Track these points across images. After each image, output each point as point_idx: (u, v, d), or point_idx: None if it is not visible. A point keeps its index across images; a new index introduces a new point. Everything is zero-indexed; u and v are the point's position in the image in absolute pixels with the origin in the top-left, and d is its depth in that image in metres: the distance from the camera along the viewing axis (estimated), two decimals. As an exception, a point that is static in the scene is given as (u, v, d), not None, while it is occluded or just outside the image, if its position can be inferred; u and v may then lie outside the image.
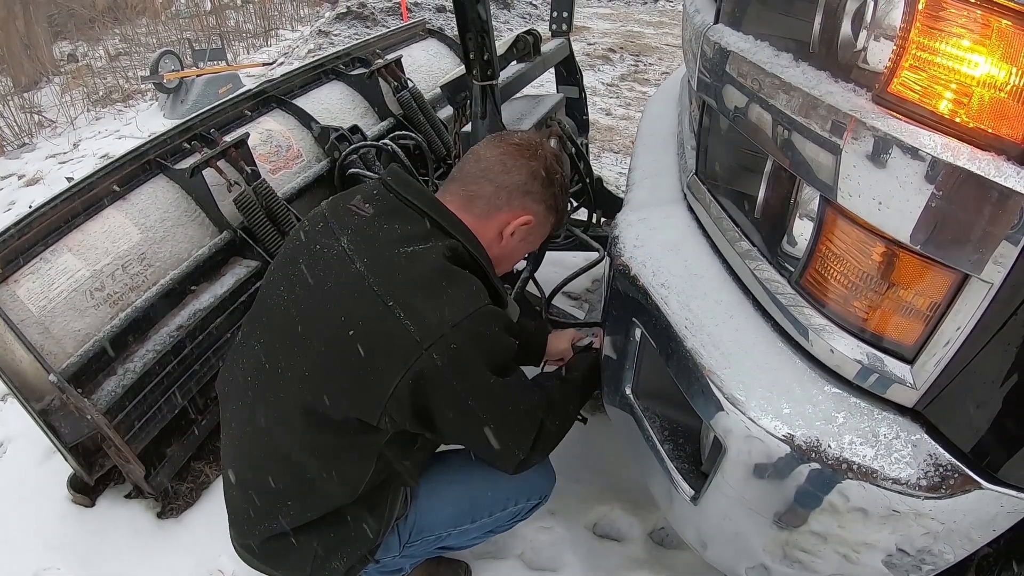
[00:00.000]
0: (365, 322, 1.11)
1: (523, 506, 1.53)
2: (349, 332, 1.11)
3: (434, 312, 1.10)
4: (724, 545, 1.13)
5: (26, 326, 1.75)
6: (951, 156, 0.70)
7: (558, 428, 1.33)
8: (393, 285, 1.12)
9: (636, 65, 6.62)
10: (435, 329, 1.09)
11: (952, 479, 0.81)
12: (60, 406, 1.84)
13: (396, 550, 1.41)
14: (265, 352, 1.24)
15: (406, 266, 1.14)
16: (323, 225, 1.25)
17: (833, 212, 0.85)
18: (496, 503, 1.48)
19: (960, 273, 0.75)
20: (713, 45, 1.10)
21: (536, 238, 1.38)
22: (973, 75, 0.70)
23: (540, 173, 1.27)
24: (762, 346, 0.98)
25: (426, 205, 1.23)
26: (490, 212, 1.27)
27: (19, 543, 1.95)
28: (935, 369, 0.80)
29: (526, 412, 1.24)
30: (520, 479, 1.37)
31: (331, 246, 1.20)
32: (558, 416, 1.33)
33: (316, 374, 1.16)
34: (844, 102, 0.79)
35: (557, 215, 1.35)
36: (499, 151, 1.27)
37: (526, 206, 1.28)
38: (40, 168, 4.87)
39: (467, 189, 1.27)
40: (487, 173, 1.26)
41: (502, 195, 1.26)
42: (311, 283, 1.19)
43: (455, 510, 1.45)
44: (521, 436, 1.24)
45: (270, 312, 1.26)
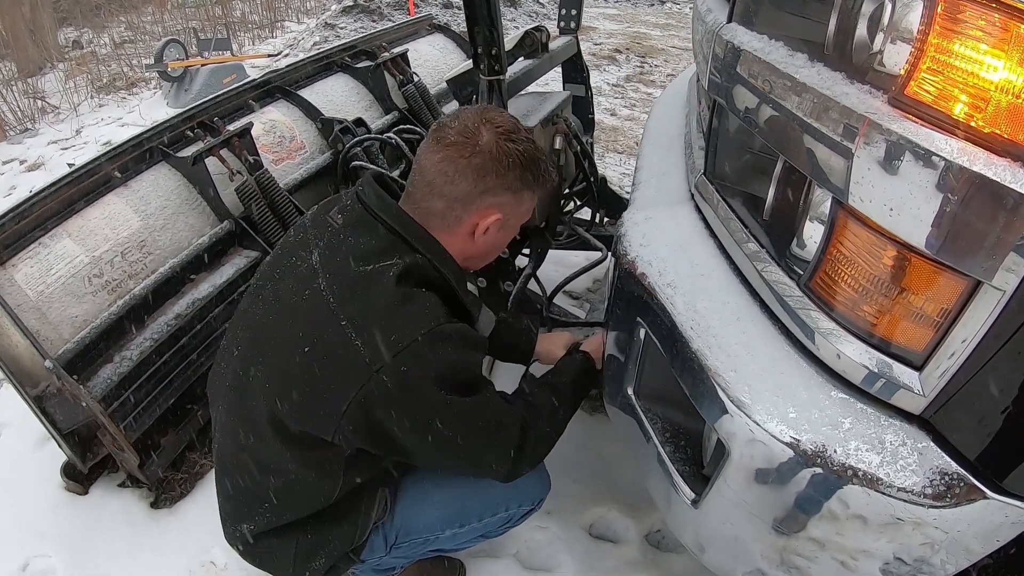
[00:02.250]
0: (320, 340, 1.12)
1: (515, 512, 1.51)
2: (305, 348, 1.12)
3: (385, 334, 1.09)
4: (722, 549, 1.12)
5: (23, 311, 1.74)
6: (967, 161, 0.69)
7: (545, 436, 1.32)
8: (349, 304, 1.12)
9: (642, 66, 6.61)
10: (385, 352, 1.08)
11: (958, 488, 0.80)
12: (55, 392, 1.83)
13: (382, 551, 1.41)
14: (240, 360, 1.24)
15: (363, 285, 1.13)
16: (302, 236, 1.26)
17: (844, 215, 0.84)
18: (487, 508, 1.47)
19: (972, 280, 0.74)
20: (725, 44, 1.09)
21: (516, 222, 1.30)
22: (991, 79, 0.69)
23: (488, 167, 1.17)
24: (768, 349, 0.97)
25: (392, 218, 1.19)
26: (450, 225, 1.21)
27: (10, 530, 1.94)
28: (944, 376, 0.79)
29: (499, 427, 1.22)
30: (513, 485, 1.36)
31: (304, 259, 1.20)
32: (544, 424, 1.31)
33: (276, 387, 1.16)
34: (859, 103, 0.78)
35: (532, 189, 1.25)
36: (437, 158, 1.18)
37: (488, 205, 1.20)
38: (42, 154, 4.86)
39: (420, 207, 1.21)
40: (433, 188, 1.19)
41: (456, 207, 1.19)
42: (281, 296, 1.20)
43: (444, 514, 1.44)
44: (497, 452, 1.23)
45: (247, 322, 1.28)
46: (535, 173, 1.23)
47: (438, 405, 1.13)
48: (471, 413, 1.17)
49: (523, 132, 1.23)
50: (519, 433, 1.24)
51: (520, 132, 1.22)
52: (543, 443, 1.32)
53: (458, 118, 1.21)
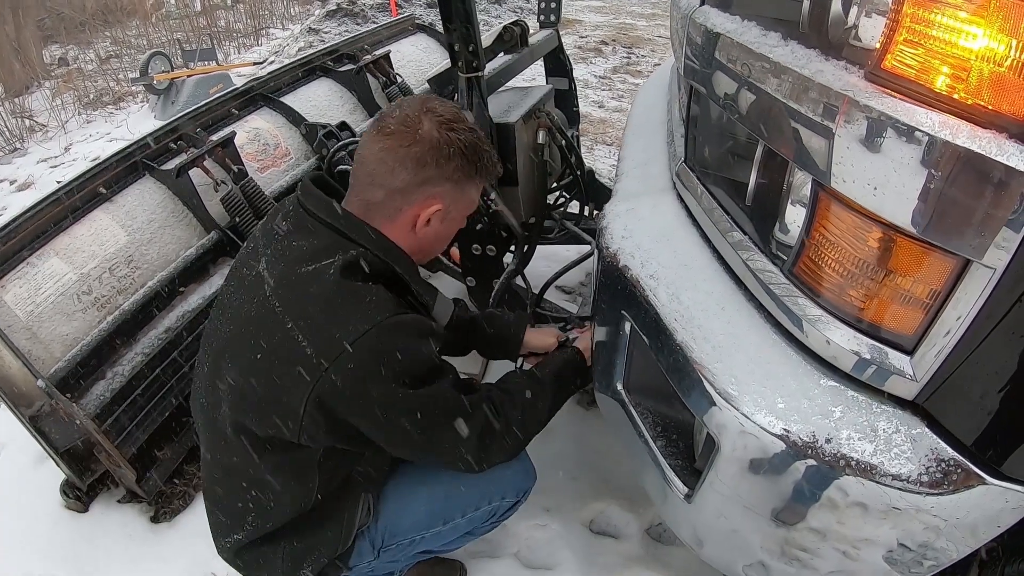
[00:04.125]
0: (271, 346, 1.11)
1: (498, 504, 1.47)
2: (258, 356, 1.12)
3: (330, 332, 1.08)
4: (720, 543, 1.10)
5: (14, 332, 1.73)
6: (949, 135, 0.66)
7: (518, 425, 1.29)
8: (293, 306, 1.11)
9: (628, 57, 6.59)
10: (332, 350, 1.07)
11: (955, 474, 0.78)
12: (50, 412, 1.82)
13: (370, 555, 1.39)
14: (209, 377, 1.24)
15: (306, 285, 1.12)
16: (253, 247, 1.25)
17: (826, 197, 0.82)
18: (468, 503, 1.44)
19: (961, 259, 0.71)
20: (699, 27, 1.07)
21: (459, 213, 1.29)
22: (971, 48, 0.66)
23: (427, 157, 1.14)
24: (755, 338, 0.95)
25: (331, 217, 1.18)
26: (392, 215, 1.19)
27: (12, 548, 1.93)
28: (936, 360, 0.77)
29: (457, 417, 1.19)
30: (494, 477, 1.36)
31: (252, 268, 1.20)
32: (516, 413, 1.29)
33: (238, 397, 1.16)
34: (836, 80, 0.76)
35: (473, 180, 1.23)
36: (377, 148, 1.16)
37: (428, 195, 1.18)
38: (32, 173, 4.85)
39: (361, 197, 1.20)
40: (373, 178, 1.17)
41: (396, 197, 1.17)
42: (235, 309, 1.20)
43: (425, 512, 1.42)
44: (458, 442, 1.20)
45: (210, 338, 1.28)
46: (477, 163, 1.21)
47: (390, 399, 1.11)
48: (426, 404, 1.14)
49: (465, 122, 1.21)
50: (482, 422, 1.21)
51: (462, 122, 1.21)
52: (514, 433, 1.28)
53: (400, 107, 1.19)
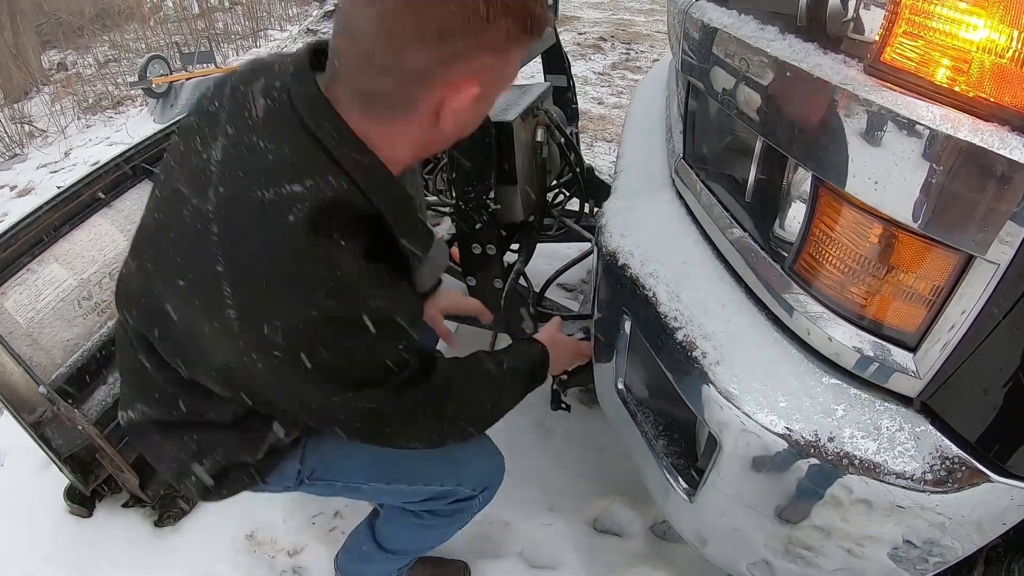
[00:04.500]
0: (196, 278, 0.86)
1: (450, 490, 1.33)
2: (180, 281, 0.87)
3: (268, 315, 0.83)
4: (723, 542, 1.09)
5: (14, 338, 1.74)
6: (951, 128, 0.65)
7: (468, 417, 1.14)
8: (233, 249, 0.84)
9: (627, 53, 6.57)
10: (262, 342, 0.84)
11: (959, 472, 0.77)
12: (52, 417, 1.82)
13: (290, 481, 1.25)
14: (131, 263, 1.01)
15: (257, 226, 0.83)
16: (215, 111, 0.93)
17: (826, 193, 0.81)
18: (420, 475, 1.31)
19: (964, 254, 0.70)
20: (696, 22, 1.06)
21: (498, 90, 0.97)
22: (972, 39, 0.65)
23: (457, 20, 0.80)
24: (756, 337, 0.94)
25: (317, 124, 0.86)
26: (402, 111, 0.88)
27: (16, 554, 1.93)
28: (940, 356, 0.76)
29: (395, 417, 1.00)
30: (459, 461, 1.30)
31: (206, 149, 0.89)
32: (464, 404, 1.12)
33: (146, 309, 0.95)
34: (834, 74, 0.75)
35: (523, 43, 0.88)
36: (375, 11, 0.80)
37: (458, 76, 0.85)
38: (32, 178, 4.85)
39: (357, 89, 0.87)
40: (373, 58, 0.83)
41: (412, 85, 0.85)
42: (173, 197, 0.91)
43: (369, 462, 1.28)
44: (390, 434, 1.04)
45: (144, 216, 1.00)
46: (529, 18, 0.85)
47: (322, 398, 0.91)
48: (356, 407, 0.95)
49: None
50: (410, 413, 1.01)
51: None
52: (462, 423, 1.13)
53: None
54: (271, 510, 1.97)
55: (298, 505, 1.97)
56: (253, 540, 1.90)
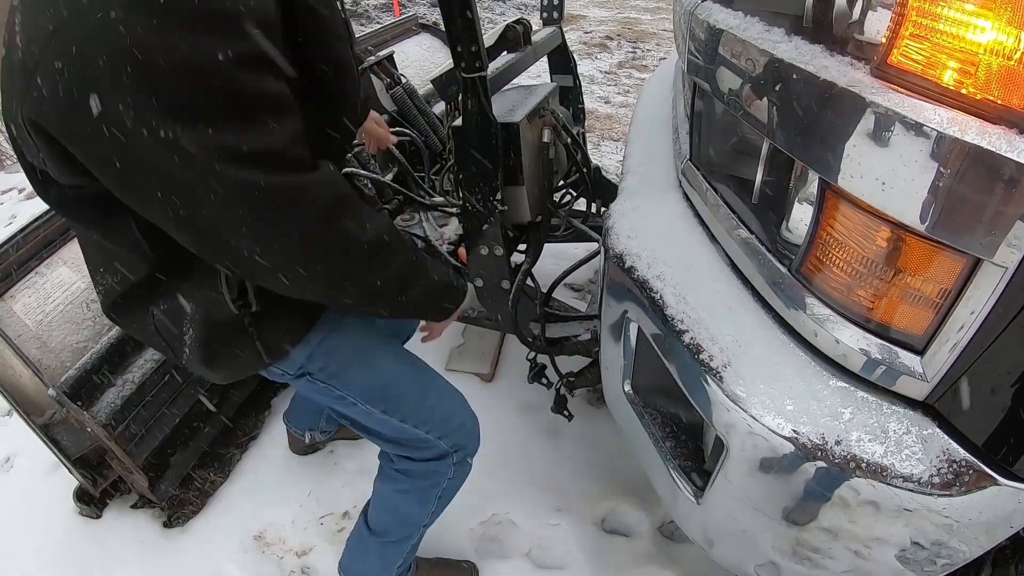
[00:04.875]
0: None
1: (427, 439, 1.37)
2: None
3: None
4: (731, 543, 1.09)
5: (24, 341, 1.75)
6: (958, 131, 0.65)
7: (344, 258, 0.98)
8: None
9: (634, 52, 6.56)
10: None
11: (966, 475, 0.77)
12: (62, 419, 1.83)
13: (293, 370, 1.24)
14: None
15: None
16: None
17: (833, 195, 0.81)
18: (408, 411, 1.34)
19: (971, 257, 0.70)
20: (702, 23, 1.05)
21: None
22: (979, 41, 0.65)
23: None
24: (763, 339, 0.93)
25: None
26: None
27: (26, 556, 1.94)
28: (947, 360, 0.76)
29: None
30: (446, 416, 1.36)
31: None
32: (345, 237, 0.97)
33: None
34: (841, 76, 0.75)
35: None
36: None
37: None
38: (41, 180, 4.86)
39: None
40: None
41: None
42: None
43: (378, 385, 1.31)
44: (261, 238, 0.90)
45: None
46: None
47: (193, 169, 0.80)
48: (236, 188, 0.83)
49: None
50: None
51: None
52: (327, 267, 0.97)
53: None
54: (279, 511, 1.98)
55: (306, 506, 1.98)
56: (262, 540, 1.91)
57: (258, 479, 2.11)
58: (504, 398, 2.27)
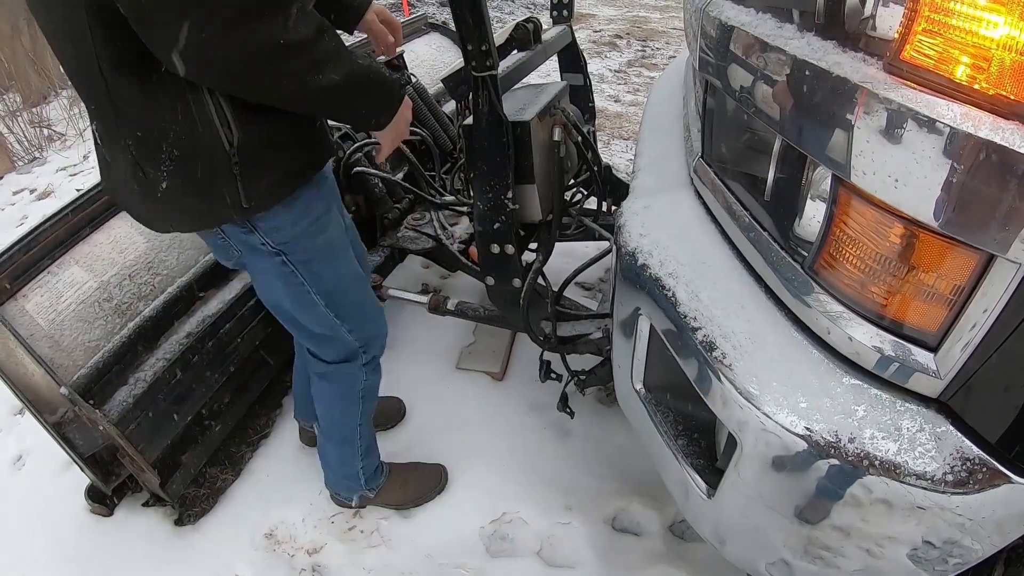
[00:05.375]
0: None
1: (337, 332, 1.56)
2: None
3: None
4: (742, 541, 1.08)
5: (36, 340, 1.75)
6: (971, 127, 0.65)
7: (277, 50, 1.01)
8: None
9: (643, 50, 6.55)
10: None
11: (980, 473, 0.76)
12: (73, 418, 1.84)
13: (274, 244, 1.34)
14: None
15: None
16: None
17: (847, 192, 0.81)
18: (349, 315, 1.54)
19: (985, 253, 0.70)
20: (713, 21, 1.05)
21: None
22: (992, 37, 0.65)
23: None
24: (776, 336, 0.93)
25: None
26: None
27: (38, 555, 1.95)
28: (960, 356, 0.76)
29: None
30: (368, 323, 1.60)
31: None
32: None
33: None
34: (854, 72, 0.75)
35: None
36: None
37: None
38: (51, 182, 4.89)
39: None
40: None
41: None
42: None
43: (334, 284, 1.48)
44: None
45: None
46: None
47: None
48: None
49: None
50: None
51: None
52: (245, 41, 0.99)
53: None
54: (290, 509, 1.99)
55: (317, 504, 1.99)
56: (272, 539, 1.92)
57: (269, 477, 2.12)
58: (515, 397, 2.27)
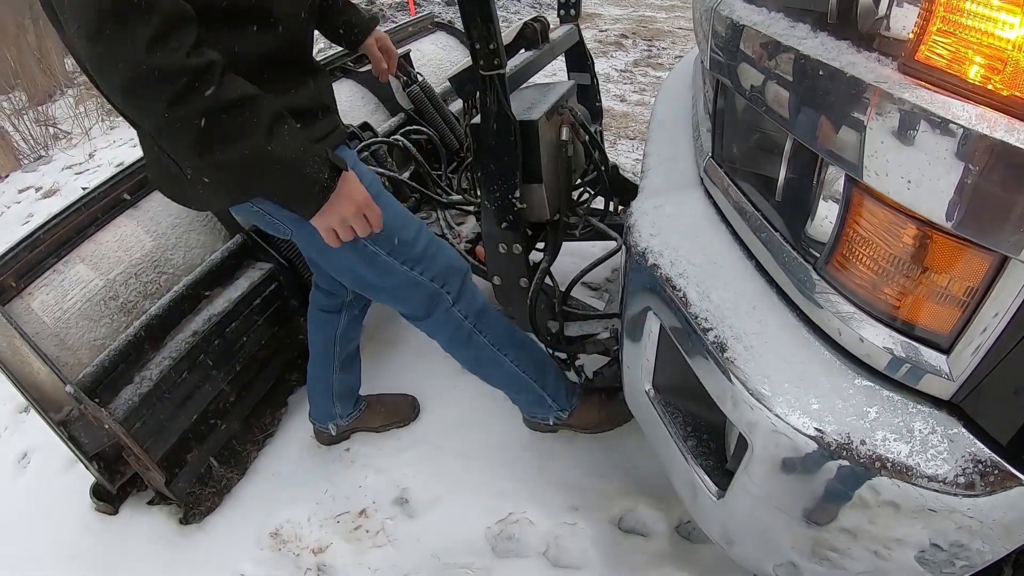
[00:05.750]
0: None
1: (424, 280, 1.53)
2: None
3: None
4: (751, 543, 1.08)
5: (41, 338, 1.76)
6: (986, 128, 0.64)
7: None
8: None
9: (649, 50, 6.54)
10: None
11: (991, 476, 0.76)
12: (79, 416, 1.84)
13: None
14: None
15: None
16: None
17: (859, 193, 0.80)
18: (412, 255, 1.50)
19: (998, 255, 0.69)
20: (724, 20, 1.05)
21: None
22: (1007, 38, 0.64)
23: None
24: (787, 337, 0.93)
25: None
26: None
27: (42, 554, 1.96)
28: (973, 358, 0.75)
29: None
30: (436, 256, 1.53)
31: None
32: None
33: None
34: (868, 72, 0.74)
35: None
36: None
37: None
38: (57, 180, 4.90)
39: None
40: None
41: None
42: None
43: (388, 228, 1.41)
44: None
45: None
46: None
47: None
48: None
49: None
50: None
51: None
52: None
53: None
54: (296, 508, 1.99)
55: (323, 504, 1.99)
56: (278, 538, 1.92)
57: (275, 477, 2.12)
58: (520, 397, 2.25)
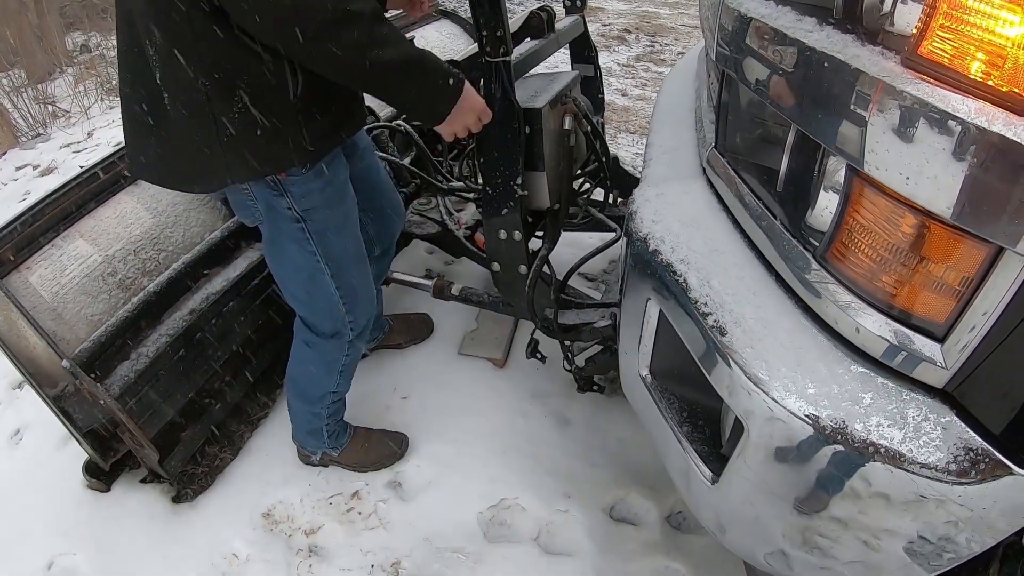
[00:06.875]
0: None
1: (341, 312, 1.67)
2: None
3: None
4: (743, 530, 1.10)
5: (38, 312, 1.75)
6: (985, 122, 0.66)
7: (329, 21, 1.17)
8: None
9: (652, 45, 6.54)
10: None
11: (983, 463, 0.78)
12: (74, 392, 1.84)
13: (299, 209, 1.47)
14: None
15: None
16: None
17: (860, 183, 0.82)
18: (347, 287, 1.64)
19: (994, 246, 0.71)
20: (732, 12, 1.06)
21: None
22: (1008, 35, 0.66)
23: None
24: (786, 324, 0.95)
25: None
26: None
27: (35, 529, 1.96)
28: (967, 348, 0.77)
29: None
30: (359, 299, 1.67)
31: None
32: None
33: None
34: (872, 66, 0.76)
35: None
36: None
37: None
38: (55, 158, 4.87)
39: None
40: None
41: None
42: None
43: (340, 254, 1.57)
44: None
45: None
46: None
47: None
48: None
49: None
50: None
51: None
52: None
53: None
54: (289, 489, 2.00)
55: (316, 485, 2.00)
56: (270, 518, 1.93)
57: (268, 457, 2.12)
58: (516, 384, 2.28)
